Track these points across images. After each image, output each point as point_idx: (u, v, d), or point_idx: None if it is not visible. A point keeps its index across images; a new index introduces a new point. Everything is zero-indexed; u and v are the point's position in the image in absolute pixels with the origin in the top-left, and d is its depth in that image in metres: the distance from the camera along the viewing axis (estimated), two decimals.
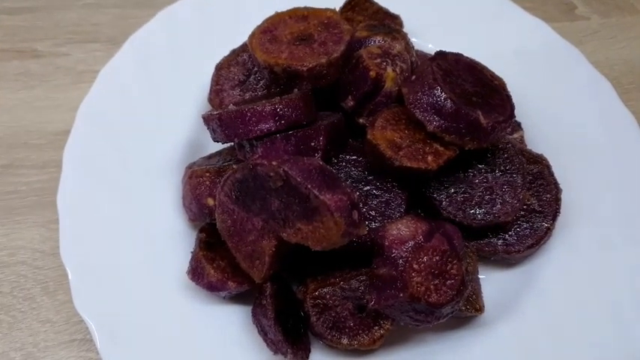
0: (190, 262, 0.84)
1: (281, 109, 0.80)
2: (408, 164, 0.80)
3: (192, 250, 0.86)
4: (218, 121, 0.82)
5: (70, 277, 0.81)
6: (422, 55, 1.08)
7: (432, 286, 0.75)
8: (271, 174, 0.73)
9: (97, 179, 0.92)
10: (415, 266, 0.75)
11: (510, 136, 1.01)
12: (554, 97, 1.09)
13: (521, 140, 1.02)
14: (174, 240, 0.90)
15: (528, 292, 0.90)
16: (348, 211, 0.72)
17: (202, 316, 0.83)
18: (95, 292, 0.81)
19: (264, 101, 0.81)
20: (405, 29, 1.11)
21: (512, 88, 1.00)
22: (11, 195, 1.00)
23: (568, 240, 0.93)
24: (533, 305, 0.88)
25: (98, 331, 0.78)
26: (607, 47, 1.27)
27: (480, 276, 0.90)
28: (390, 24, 1.03)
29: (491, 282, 0.92)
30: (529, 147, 1.02)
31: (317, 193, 0.70)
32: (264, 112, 0.79)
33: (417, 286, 0.74)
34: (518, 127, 1.03)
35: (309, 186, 0.71)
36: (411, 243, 0.76)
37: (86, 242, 0.86)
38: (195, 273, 0.82)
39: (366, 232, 0.75)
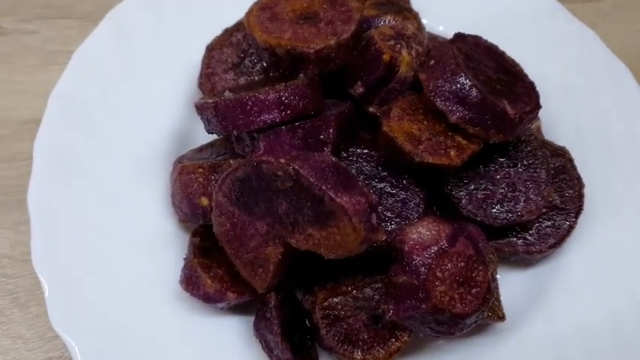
0: (183, 271, 0.75)
1: (287, 98, 0.71)
2: (430, 160, 0.72)
3: (184, 256, 0.77)
4: (214, 110, 0.72)
5: (44, 287, 0.72)
6: (431, 37, 1.00)
7: (456, 296, 0.68)
8: (279, 173, 0.64)
9: (73, 175, 0.82)
10: (439, 274, 0.68)
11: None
12: (570, 84, 1.01)
13: (539, 130, 0.95)
14: (163, 244, 0.81)
15: (549, 295, 0.83)
16: (368, 214, 0.64)
17: (198, 331, 0.76)
18: (74, 305, 0.72)
19: (266, 88, 0.71)
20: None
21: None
22: None
23: (590, 238, 0.87)
24: (553, 310, 0.82)
25: (79, 349, 0.69)
26: (620, 30, 1.20)
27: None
28: (399, 2, 0.94)
29: (508, 283, 0.85)
30: (546, 138, 0.95)
31: (333, 195, 0.61)
32: (268, 100, 0.70)
33: (441, 296, 0.67)
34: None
35: (323, 187, 0.62)
36: (434, 248, 0.69)
37: (62, 248, 0.77)
38: (190, 283, 0.73)
39: (384, 238, 0.67)
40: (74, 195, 0.80)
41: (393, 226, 0.75)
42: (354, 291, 0.74)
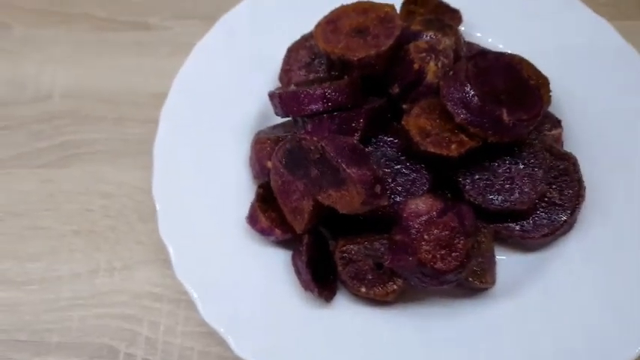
0: (249, 210, 1.04)
1: (329, 93, 0.95)
2: (432, 150, 0.93)
3: (251, 200, 1.06)
4: (279, 99, 0.99)
5: (157, 209, 1.01)
6: (477, 49, 1.17)
7: (438, 255, 0.88)
8: (312, 147, 0.90)
9: (186, 135, 1.10)
10: (425, 237, 0.89)
11: (549, 133, 1.08)
12: (606, 99, 1.12)
13: (558, 137, 1.08)
14: (240, 190, 1.07)
15: (538, 276, 1.00)
16: (371, 184, 0.87)
17: (255, 254, 1.01)
18: (175, 224, 1.01)
19: (315, 85, 0.97)
20: (465, 23, 1.20)
21: (564, 87, 1.09)
22: (121, 142, 1.24)
23: (587, 234, 1.01)
24: (538, 288, 0.98)
25: (174, 254, 0.98)
26: None
27: (501, 257, 1.02)
28: (446, 19, 1.13)
29: (511, 263, 1.03)
30: (568, 145, 1.08)
31: (345, 167, 0.86)
32: (315, 94, 0.95)
33: (425, 254, 0.88)
34: (557, 124, 1.09)
35: (339, 160, 0.87)
36: (425, 217, 0.90)
37: (173, 185, 1.05)
38: (252, 219, 1.02)
39: (387, 204, 0.91)
40: (186, 149, 1.07)
41: (401, 198, 0.97)
42: (366, 243, 0.97)
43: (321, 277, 0.97)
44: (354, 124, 0.97)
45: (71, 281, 1.10)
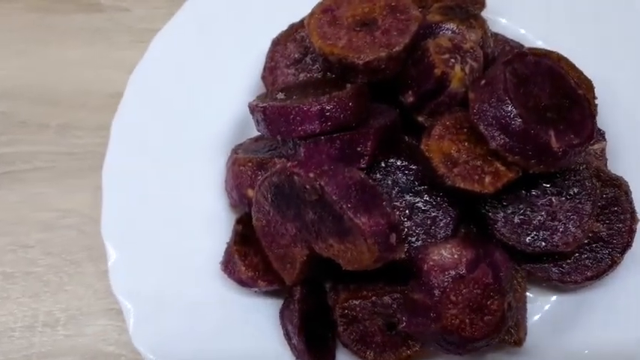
0: (224, 254, 0.84)
1: (328, 111, 0.74)
2: (462, 185, 0.73)
3: (228, 240, 0.85)
4: (262, 114, 0.78)
5: (109, 256, 0.83)
6: (503, 41, 0.97)
7: (467, 320, 0.71)
8: (307, 186, 0.69)
9: (144, 153, 0.92)
10: (452, 298, 0.71)
11: (591, 147, 0.90)
12: None
13: (602, 153, 0.90)
14: (214, 222, 0.90)
15: (577, 323, 0.83)
16: (385, 235, 0.68)
17: (233, 306, 0.84)
18: (132, 274, 0.83)
19: (310, 99, 0.75)
20: (488, 8, 0.99)
21: (606, 89, 0.91)
22: (66, 157, 1.04)
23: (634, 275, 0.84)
24: (569, 345, 0.82)
25: (133, 315, 0.80)
26: None
27: (527, 294, 0.85)
28: (469, 6, 0.91)
29: (541, 303, 0.87)
30: (612, 161, 0.91)
31: (352, 216, 0.66)
32: (310, 112, 0.74)
33: (452, 319, 0.71)
34: (601, 137, 0.91)
35: (344, 206, 0.66)
36: (452, 273, 0.71)
37: (127, 219, 0.87)
38: (228, 266, 0.83)
39: (403, 257, 0.71)
40: (142, 170, 0.90)
41: (419, 243, 0.77)
42: (374, 297, 0.78)
43: (317, 341, 0.78)
44: (359, 149, 0.76)
45: (1, 340, 0.91)
